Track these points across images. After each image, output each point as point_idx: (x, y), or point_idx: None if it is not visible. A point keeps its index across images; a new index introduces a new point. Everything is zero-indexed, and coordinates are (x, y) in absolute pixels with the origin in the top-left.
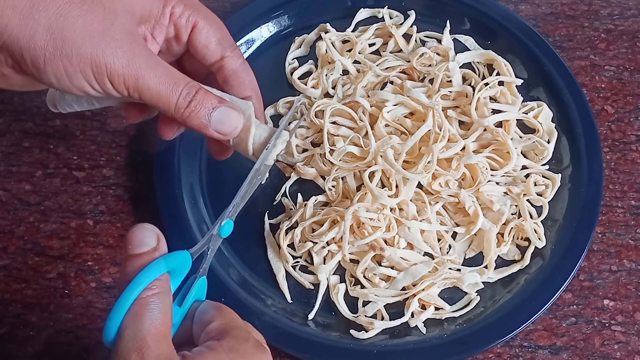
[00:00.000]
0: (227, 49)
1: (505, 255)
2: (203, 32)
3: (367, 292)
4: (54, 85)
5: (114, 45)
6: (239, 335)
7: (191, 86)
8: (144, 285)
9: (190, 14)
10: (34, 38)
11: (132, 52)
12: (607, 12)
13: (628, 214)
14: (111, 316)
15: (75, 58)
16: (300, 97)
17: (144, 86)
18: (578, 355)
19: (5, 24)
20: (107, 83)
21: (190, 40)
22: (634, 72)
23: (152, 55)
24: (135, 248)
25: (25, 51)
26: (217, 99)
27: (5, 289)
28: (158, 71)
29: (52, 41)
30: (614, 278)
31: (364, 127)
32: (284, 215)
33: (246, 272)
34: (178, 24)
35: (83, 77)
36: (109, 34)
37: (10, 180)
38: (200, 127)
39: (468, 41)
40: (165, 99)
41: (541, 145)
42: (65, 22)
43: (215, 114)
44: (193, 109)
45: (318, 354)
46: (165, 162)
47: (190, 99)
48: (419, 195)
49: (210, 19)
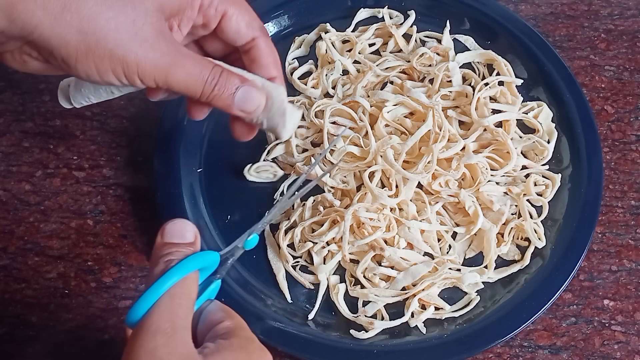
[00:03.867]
0: (257, 30)
1: (505, 255)
2: (233, 18)
3: (367, 292)
4: (82, 78)
5: (146, 47)
6: (246, 335)
7: (215, 71)
8: (180, 276)
9: (219, 3)
10: (66, 39)
11: (162, 51)
12: (607, 12)
13: (628, 214)
14: (143, 298)
15: (107, 59)
16: (300, 96)
17: (173, 80)
18: (578, 355)
19: (35, 24)
20: (137, 80)
21: (220, 27)
22: (634, 72)
23: (180, 49)
24: (173, 237)
25: (56, 50)
26: (239, 79)
27: (5, 289)
28: (186, 65)
29: (84, 42)
30: (614, 278)
31: (364, 127)
32: (284, 215)
33: (246, 272)
34: (207, 14)
35: (113, 75)
36: (140, 36)
37: (10, 180)
38: (224, 107)
39: (468, 41)
40: (192, 88)
41: (541, 145)
42: (97, 25)
43: (239, 94)
44: (217, 92)
45: (318, 354)
46: (165, 162)
47: (215, 83)
48: (419, 195)
49: (238, 3)
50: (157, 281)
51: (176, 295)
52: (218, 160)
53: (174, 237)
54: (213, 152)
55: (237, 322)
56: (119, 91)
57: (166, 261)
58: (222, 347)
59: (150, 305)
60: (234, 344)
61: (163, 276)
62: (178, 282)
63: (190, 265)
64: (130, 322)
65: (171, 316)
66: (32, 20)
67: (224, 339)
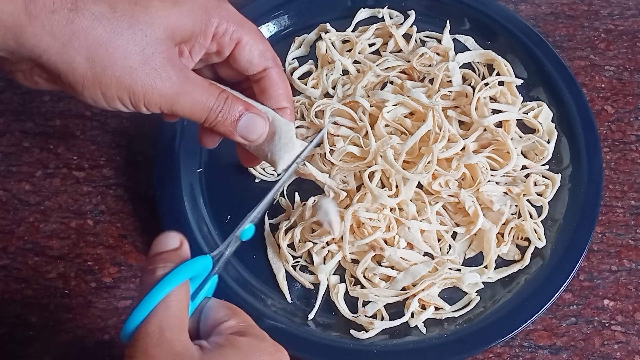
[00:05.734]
0: (269, 61)
1: (505, 255)
2: (247, 47)
3: (367, 292)
4: (89, 103)
5: (154, 76)
6: (257, 334)
7: (221, 98)
8: (171, 288)
9: (234, 31)
10: (73, 66)
11: (170, 80)
12: (607, 12)
13: (628, 214)
14: (135, 313)
15: (114, 87)
16: (300, 96)
17: (178, 108)
18: (578, 355)
19: (43, 49)
20: (143, 107)
21: (233, 55)
22: (634, 72)
23: (188, 77)
24: (158, 248)
25: (63, 75)
26: (243, 105)
27: (5, 289)
28: (193, 94)
29: (92, 69)
30: (614, 278)
31: (364, 127)
32: (284, 215)
33: (246, 272)
34: (222, 42)
35: (120, 101)
36: (149, 65)
37: (10, 180)
38: (226, 133)
39: (468, 41)
40: (197, 115)
41: (541, 145)
42: (105, 52)
43: (242, 121)
44: (221, 118)
45: (318, 354)
46: (165, 162)
47: (220, 110)
48: (419, 195)
49: (252, 32)
50: (147, 295)
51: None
52: (218, 160)
53: (158, 248)
54: (213, 152)
55: (244, 319)
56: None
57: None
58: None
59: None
60: (245, 343)
61: (153, 289)
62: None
63: (180, 276)
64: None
65: (159, 319)
66: (40, 45)
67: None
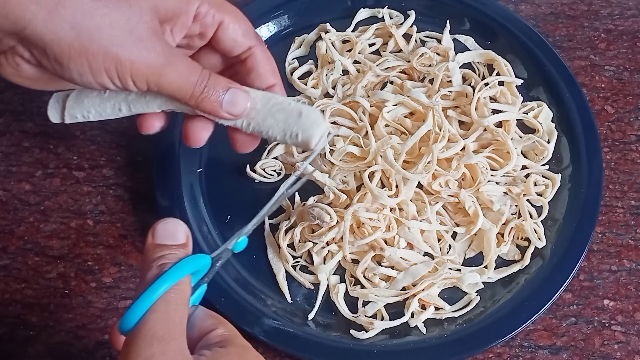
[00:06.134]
0: (253, 39)
1: (505, 255)
2: (230, 27)
3: (367, 292)
4: (75, 80)
5: (141, 46)
6: (243, 344)
7: (204, 73)
8: (174, 281)
9: (215, 12)
10: (59, 35)
11: (156, 51)
12: (607, 12)
13: (628, 214)
14: (136, 304)
15: (100, 56)
16: (300, 96)
17: (164, 82)
18: (578, 355)
19: (28, 19)
20: (129, 80)
21: (216, 36)
22: (634, 72)
23: (173, 51)
24: (165, 239)
25: (49, 47)
26: (226, 82)
27: (5, 289)
28: (178, 67)
29: (78, 39)
30: (614, 278)
31: (364, 127)
32: (284, 215)
33: (246, 272)
34: (204, 23)
35: (106, 74)
36: (135, 34)
37: (10, 180)
38: (212, 110)
39: (468, 41)
40: (183, 91)
41: (541, 145)
42: (92, 21)
43: (226, 97)
44: (206, 94)
45: (318, 354)
46: (165, 162)
47: (204, 85)
48: (419, 195)
49: (233, 12)
50: (151, 286)
51: (171, 300)
52: (218, 160)
53: (165, 238)
54: (213, 152)
55: (230, 329)
56: (127, 109)
57: (159, 265)
58: (219, 355)
59: (144, 311)
60: (232, 352)
61: (156, 281)
62: (172, 286)
63: (184, 270)
64: (124, 329)
65: (167, 323)
66: (26, 14)
67: (220, 347)
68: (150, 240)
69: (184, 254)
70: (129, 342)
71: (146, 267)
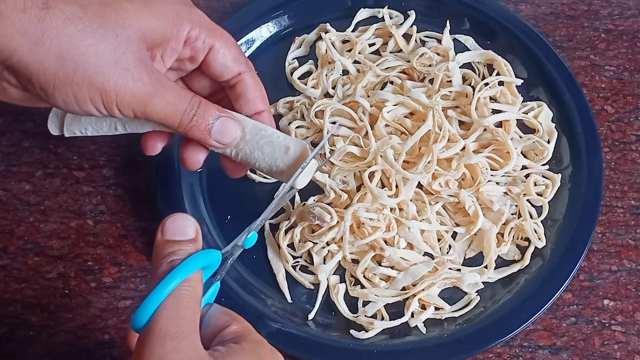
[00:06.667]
0: (243, 65)
1: (505, 255)
2: (220, 51)
3: (367, 292)
4: (61, 107)
5: (126, 76)
6: (257, 339)
7: (194, 101)
8: (184, 276)
9: (206, 37)
10: (44, 65)
11: (142, 81)
12: (607, 12)
13: (628, 214)
14: (147, 301)
15: (85, 86)
16: (300, 96)
17: (151, 111)
18: (578, 355)
19: (14, 49)
20: (115, 110)
21: (207, 60)
22: (634, 72)
23: (160, 79)
24: (175, 234)
25: (34, 76)
26: (217, 110)
27: (5, 289)
28: (166, 95)
29: (63, 69)
30: (614, 278)
31: (364, 127)
32: (284, 215)
33: (246, 272)
34: (195, 47)
35: (92, 103)
36: (121, 64)
37: (10, 180)
38: (200, 138)
39: (468, 41)
40: (171, 119)
41: (541, 145)
42: (77, 51)
43: (216, 125)
44: (195, 123)
45: (318, 354)
46: (165, 162)
47: (193, 114)
48: (419, 195)
49: (224, 37)
50: (161, 282)
51: (182, 297)
52: (218, 160)
53: (175, 234)
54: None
55: (244, 325)
56: (123, 128)
57: (170, 261)
58: (233, 350)
59: (156, 308)
60: (245, 348)
61: (167, 277)
62: (182, 282)
63: (194, 265)
64: (136, 327)
65: (179, 320)
66: (11, 44)
67: (235, 343)
68: (160, 236)
69: (193, 249)
70: (142, 340)
71: (156, 264)
